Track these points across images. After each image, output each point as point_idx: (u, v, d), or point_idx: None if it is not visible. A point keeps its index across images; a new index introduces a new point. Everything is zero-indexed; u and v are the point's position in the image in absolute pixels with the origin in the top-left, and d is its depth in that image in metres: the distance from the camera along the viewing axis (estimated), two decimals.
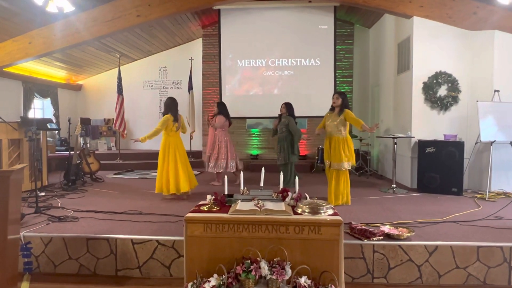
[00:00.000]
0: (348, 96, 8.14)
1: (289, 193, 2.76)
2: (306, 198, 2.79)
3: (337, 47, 7.94)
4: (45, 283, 2.90)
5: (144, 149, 9.40)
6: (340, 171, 4.28)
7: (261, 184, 2.89)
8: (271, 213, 2.43)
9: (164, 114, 4.74)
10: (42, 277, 2.98)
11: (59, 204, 4.32)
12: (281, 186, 2.90)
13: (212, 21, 8.40)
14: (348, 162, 4.26)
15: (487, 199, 4.65)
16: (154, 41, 8.59)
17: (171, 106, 4.75)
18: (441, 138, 5.31)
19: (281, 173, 3.06)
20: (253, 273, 2.20)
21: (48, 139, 7.00)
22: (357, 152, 7.57)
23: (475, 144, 5.24)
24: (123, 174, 7.16)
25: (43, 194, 4.86)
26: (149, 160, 8.21)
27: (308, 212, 2.49)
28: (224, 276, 2.23)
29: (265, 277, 2.23)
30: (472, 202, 4.53)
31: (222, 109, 5.93)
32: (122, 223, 3.48)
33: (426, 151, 5.19)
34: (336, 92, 4.60)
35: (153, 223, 3.48)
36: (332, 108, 4.45)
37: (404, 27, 5.90)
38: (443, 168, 5.06)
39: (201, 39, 8.72)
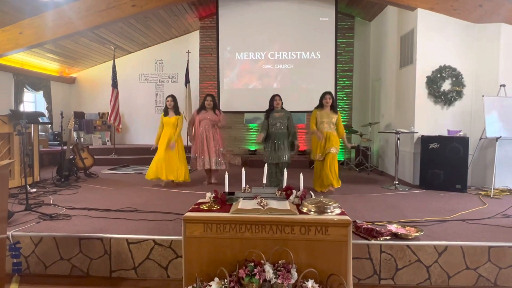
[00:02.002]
0: (348, 90, 8.13)
1: (294, 191, 2.62)
2: (311, 196, 2.65)
3: (337, 40, 7.78)
4: (35, 284, 2.75)
5: (139, 144, 9.22)
6: (334, 155, 4.73)
7: (264, 181, 2.75)
8: (276, 213, 2.29)
9: (178, 111, 5.34)
10: (32, 278, 2.82)
11: (51, 201, 4.14)
12: (284, 183, 2.76)
13: (209, 13, 8.19)
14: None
15: (492, 196, 4.55)
16: (150, 33, 8.36)
17: None
18: (445, 133, 5.20)
19: (285, 170, 2.91)
20: (257, 277, 2.07)
21: (40, 133, 6.81)
22: (357, 147, 7.48)
23: (480, 139, 5.14)
24: (118, 170, 6.99)
25: (34, 190, 4.68)
26: (144, 155, 8.03)
27: (314, 211, 2.35)
28: (226, 280, 2.09)
29: (269, 281, 2.09)
30: (477, 200, 4.43)
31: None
32: (116, 221, 3.33)
33: (430, 147, 5.07)
34: (327, 92, 4.88)
35: (149, 221, 3.33)
36: (321, 106, 4.82)
37: (408, 19, 5.75)
38: (447, 164, 4.95)
39: (198, 31, 8.52)
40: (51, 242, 2.91)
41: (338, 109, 7.81)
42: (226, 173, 2.80)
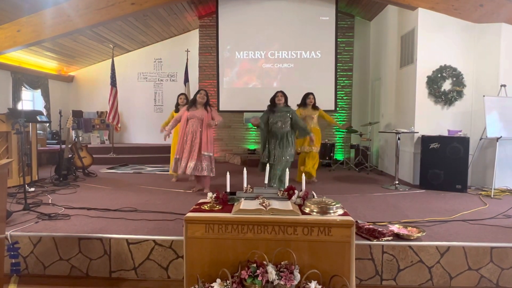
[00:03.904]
0: (348, 90, 8.12)
1: (296, 191, 2.60)
2: (313, 196, 2.63)
3: (338, 39, 7.77)
4: (34, 285, 2.72)
5: (138, 143, 9.19)
6: (315, 153, 5.55)
7: (266, 181, 2.72)
8: (278, 213, 2.27)
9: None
10: (31, 279, 2.79)
11: (50, 200, 4.11)
12: (286, 184, 2.74)
13: (209, 11, 8.15)
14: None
15: (492, 196, 4.54)
16: (149, 32, 8.32)
17: None
18: (445, 133, 5.19)
19: (287, 170, 2.89)
20: (259, 278, 2.05)
21: (38, 132, 6.75)
22: (356, 147, 7.47)
23: (480, 140, 5.13)
24: (116, 169, 6.95)
25: (32, 189, 4.64)
26: (143, 154, 8.01)
27: (316, 212, 2.33)
28: (228, 281, 2.07)
29: (272, 282, 2.07)
30: (477, 200, 4.42)
31: None
32: (116, 221, 3.30)
33: (431, 147, 5.06)
34: (310, 93, 5.54)
35: (149, 221, 3.30)
36: (303, 105, 5.52)
37: (408, 19, 5.74)
38: (447, 164, 4.94)
39: (197, 30, 8.48)
40: (50, 242, 2.88)
41: (338, 109, 7.87)
42: (228, 173, 2.77)
